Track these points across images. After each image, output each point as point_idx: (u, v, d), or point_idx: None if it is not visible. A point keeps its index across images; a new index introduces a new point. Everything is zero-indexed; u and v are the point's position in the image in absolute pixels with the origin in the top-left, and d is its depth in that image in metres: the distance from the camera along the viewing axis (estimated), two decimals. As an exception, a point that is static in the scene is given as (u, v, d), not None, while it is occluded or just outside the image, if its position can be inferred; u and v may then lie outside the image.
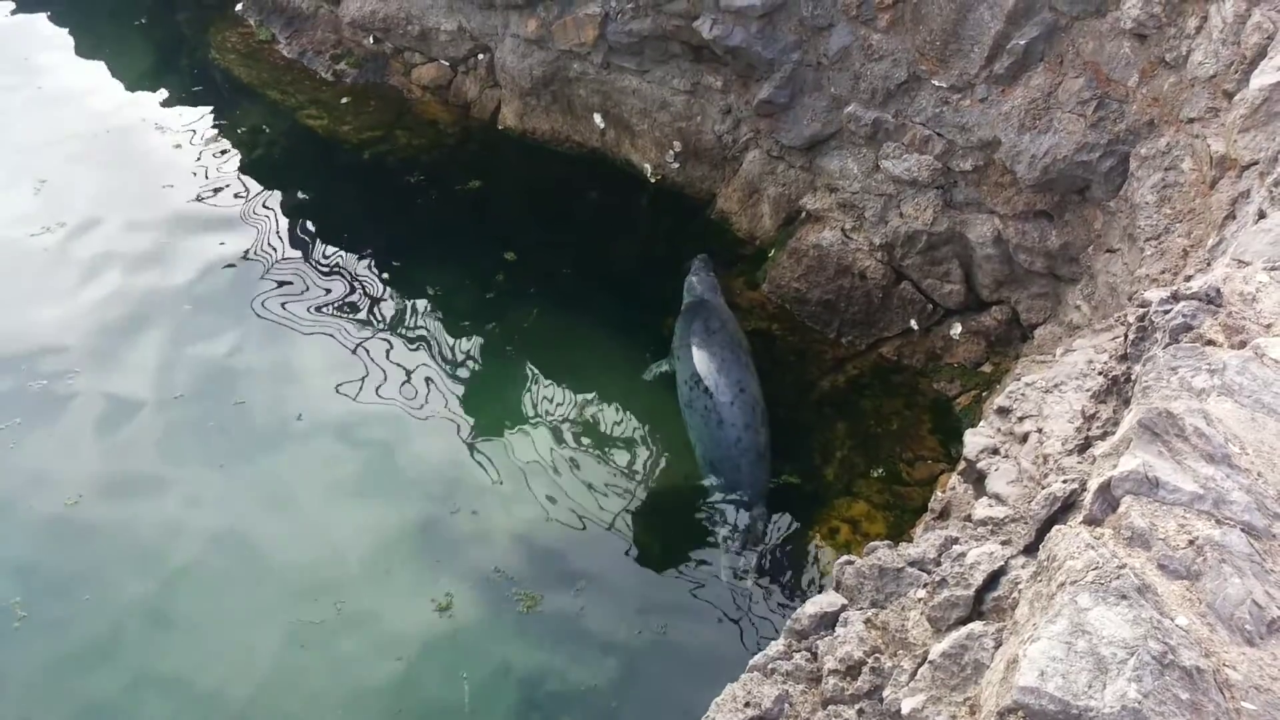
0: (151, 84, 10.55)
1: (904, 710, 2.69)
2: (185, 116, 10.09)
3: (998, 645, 2.64)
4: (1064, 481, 2.91)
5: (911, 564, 3.24)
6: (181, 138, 9.81)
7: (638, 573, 6.47)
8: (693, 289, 7.95)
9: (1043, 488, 3.16)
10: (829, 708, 2.93)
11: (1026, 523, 3.05)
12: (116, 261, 8.42)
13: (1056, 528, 2.58)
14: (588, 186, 9.23)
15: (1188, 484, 2.52)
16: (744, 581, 6.39)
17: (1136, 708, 2.04)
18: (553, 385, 7.65)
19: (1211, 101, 5.53)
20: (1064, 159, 6.53)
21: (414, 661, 5.90)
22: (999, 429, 4.19)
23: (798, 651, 3.17)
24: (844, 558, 3.39)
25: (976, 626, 2.76)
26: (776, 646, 3.23)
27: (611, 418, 7.41)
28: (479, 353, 7.90)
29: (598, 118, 9.12)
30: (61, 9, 11.64)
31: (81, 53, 11.04)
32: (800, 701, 3.01)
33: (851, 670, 2.96)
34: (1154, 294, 3.39)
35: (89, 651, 5.91)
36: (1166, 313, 3.20)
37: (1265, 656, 2.24)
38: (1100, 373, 3.79)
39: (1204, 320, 3.12)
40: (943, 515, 4.21)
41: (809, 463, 7.09)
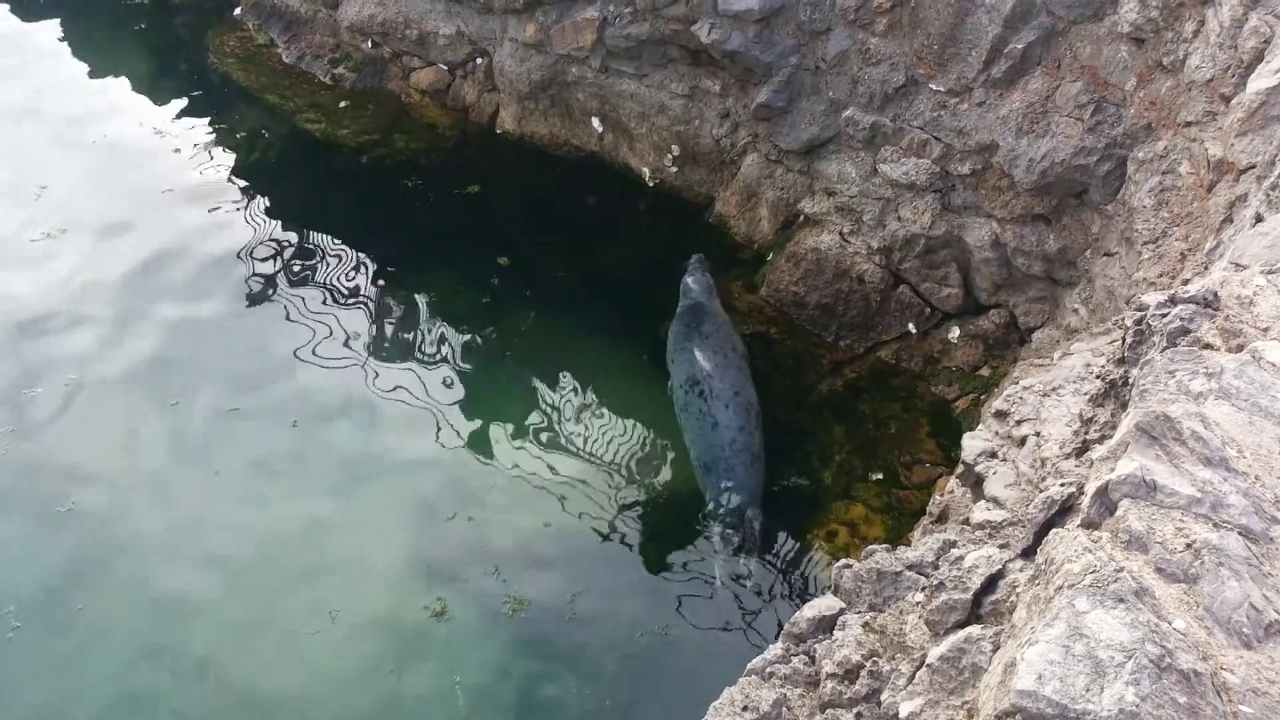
0: (151, 88, 10.57)
1: (902, 714, 2.69)
2: (184, 120, 10.12)
3: (995, 648, 2.64)
4: (1062, 485, 2.91)
5: (909, 567, 3.24)
6: (180, 142, 9.82)
7: (635, 576, 6.47)
8: (689, 291, 7.94)
9: (1040, 491, 3.16)
10: (827, 711, 2.92)
11: (1024, 526, 3.05)
12: (115, 266, 8.42)
13: (1054, 531, 2.58)
14: (586, 190, 9.23)
15: (1185, 487, 2.52)
16: (739, 583, 6.39)
17: (1134, 711, 2.04)
18: (550, 389, 7.65)
19: (1209, 105, 5.53)
20: (1061, 163, 6.54)
21: (409, 668, 5.89)
22: (997, 432, 4.19)
23: (796, 655, 3.17)
24: (842, 561, 3.39)
25: (974, 630, 2.76)
26: (774, 650, 3.23)
27: (609, 422, 7.41)
28: (475, 356, 7.90)
29: (596, 122, 9.13)
30: (61, 14, 11.65)
31: (81, 57, 11.05)
32: (798, 705, 3.01)
33: (849, 674, 2.96)
34: (1151, 297, 3.39)
35: (83, 660, 5.89)
36: (1164, 316, 3.20)
37: (1263, 660, 2.24)
38: (1098, 376, 3.79)
39: (1201, 324, 3.12)
40: (941, 519, 4.20)
41: (807, 466, 7.09)
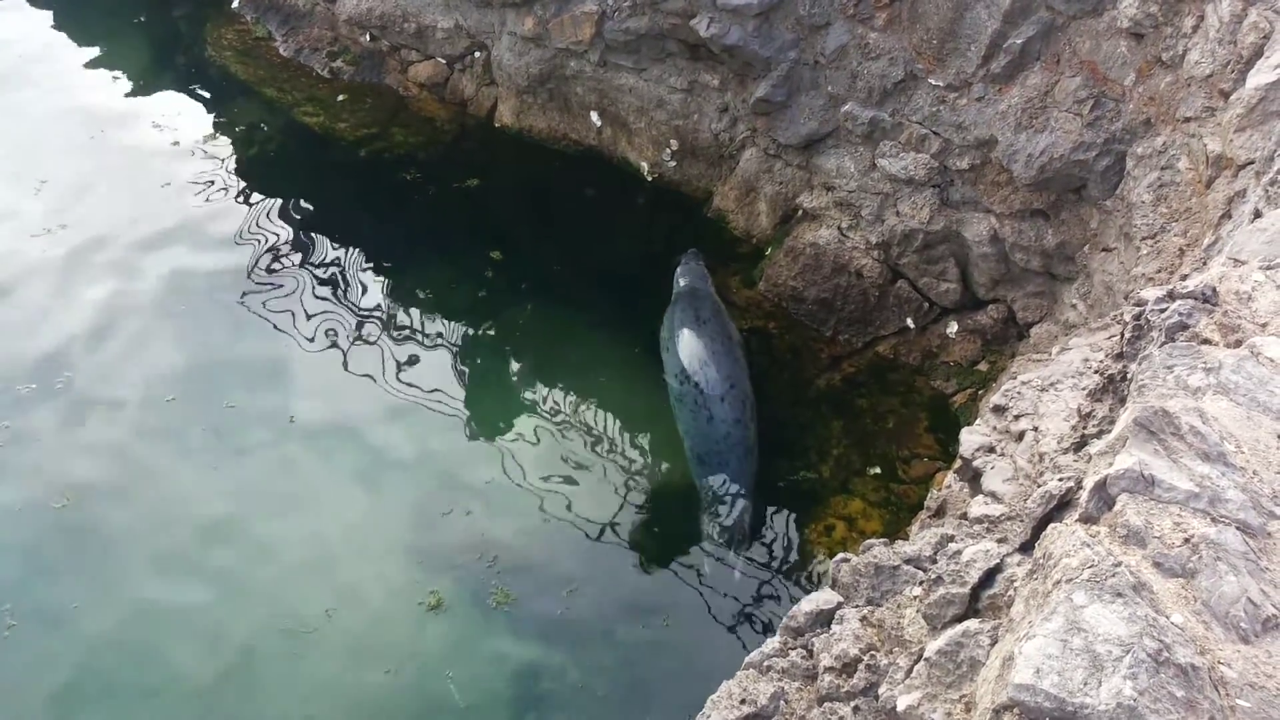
0: (149, 81, 10.54)
1: (899, 707, 2.70)
2: (182, 114, 10.08)
3: (993, 642, 2.65)
4: (1060, 480, 2.91)
5: (907, 561, 3.24)
6: (179, 135, 9.79)
7: (632, 570, 6.48)
8: (683, 281, 7.90)
9: (1038, 486, 3.16)
10: (824, 705, 2.93)
11: (1022, 521, 3.05)
12: (114, 260, 8.40)
13: (1052, 526, 2.58)
14: (584, 184, 9.22)
15: (1183, 482, 2.52)
16: (728, 575, 6.39)
17: (1132, 705, 2.04)
18: (547, 383, 7.65)
19: (1208, 101, 5.53)
20: (1060, 158, 6.54)
21: (406, 662, 5.89)
22: (995, 427, 4.19)
23: (793, 649, 3.17)
24: (840, 555, 3.39)
25: (972, 624, 2.76)
26: (772, 644, 3.23)
27: (606, 416, 7.41)
28: (472, 350, 7.89)
29: (594, 116, 9.11)
30: (59, 6, 11.62)
31: (79, 50, 11.01)
32: (796, 699, 3.01)
33: (847, 667, 2.96)
34: (1150, 293, 3.38)
35: (80, 659, 5.88)
36: (1162, 311, 3.20)
37: (1260, 654, 2.24)
38: (1096, 371, 3.79)
39: (1200, 319, 3.12)
40: (939, 513, 4.21)
41: (805, 461, 7.10)
